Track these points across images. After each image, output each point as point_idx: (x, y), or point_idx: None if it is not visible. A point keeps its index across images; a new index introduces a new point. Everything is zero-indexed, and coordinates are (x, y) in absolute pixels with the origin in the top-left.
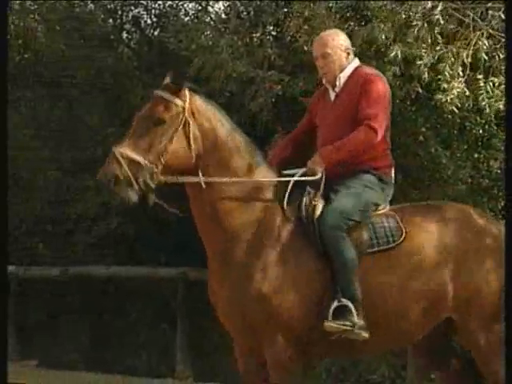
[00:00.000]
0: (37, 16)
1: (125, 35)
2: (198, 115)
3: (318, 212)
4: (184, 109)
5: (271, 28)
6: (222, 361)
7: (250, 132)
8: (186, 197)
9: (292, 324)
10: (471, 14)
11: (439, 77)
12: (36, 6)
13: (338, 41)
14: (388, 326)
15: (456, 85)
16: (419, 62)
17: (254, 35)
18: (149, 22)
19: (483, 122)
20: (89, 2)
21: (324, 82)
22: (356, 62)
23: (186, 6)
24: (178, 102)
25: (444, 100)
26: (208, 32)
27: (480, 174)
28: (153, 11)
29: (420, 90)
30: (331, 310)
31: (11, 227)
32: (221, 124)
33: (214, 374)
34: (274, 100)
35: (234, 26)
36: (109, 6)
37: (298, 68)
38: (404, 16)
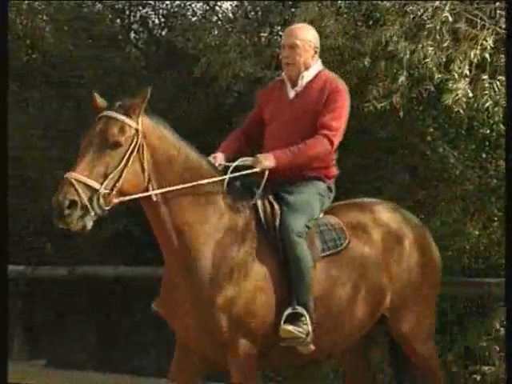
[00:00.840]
0: (45, 16)
1: (132, 35)
2: (149, 135)
3: (278, 218)
4: (137, 131)
5: (279, 28)
6: None
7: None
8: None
9: (257, 328)
10: (479, 14)
11: (447, 77)
12: (44, 6)
13: (308, 36)
14: (336, 329)
15: (462, 86)
16: (428, 60)
17: (262, 35)
18: (156, 21)
19: (491, 121)
20: (97, 2)
21: (284, 74)
22: (319, 65)
23: (193, 5)
24: (132, 123)
25: (451, 100)
26: (216, 32)
27: (488, 174)
28: (160, 11)
29: (433, 89)
30: (284, 316)
31: (19, 227)
32: (170, 141)
33: (224, 374)
34: None
35: (242, 25)
36: (116, 6)
37: None
38: (413, 16)
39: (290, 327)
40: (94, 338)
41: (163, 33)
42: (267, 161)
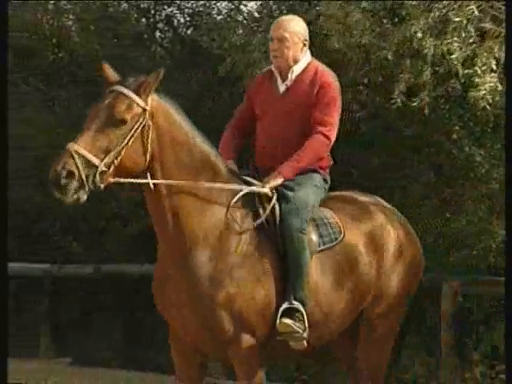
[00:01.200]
0: (71, 16)
1: (158, 34)
2: (157, 115)
3: (278, 213)
4: (145, 110)
5: None
6: None
7: None
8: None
9: (258, 323)
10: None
11: (472, 72)
12: (70, 6)
13: (297, 28)
14: (327, 323)
15: (489, 79)
16: (453, 57)
17: None
18: (182, 21)
19: None
20: (122, 1)
21: (273, 67)
22: (309, 56)
23: (218, 4)
24: (141, 102)
25: (476, 96)
26: (240, 31)
27: None
28: (186, 10)
29: (458, 87)
30: (281, 311)
31: (45, 226)
32: (178, 124)
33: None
34: None
35: (267, 24)
36: (142, 6)
37: (330, 66)
38: (438, 13)
39: (289, 321)
40: (119, 335)
41: (188, 32)
42: (273, 180)
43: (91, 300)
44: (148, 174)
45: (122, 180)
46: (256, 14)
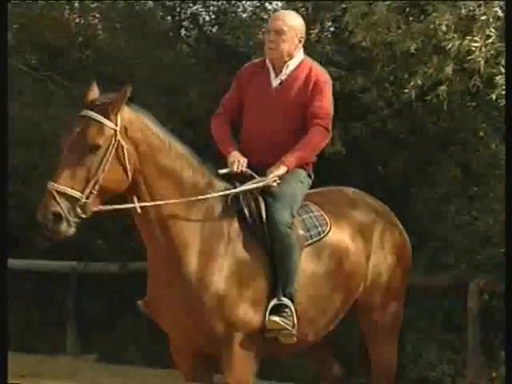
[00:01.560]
0: (97, 14)
1: (183, 32)
2: (130, 128)
3: (263, 209)
4: (116, 131)
5: (329, 24)
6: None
7: None
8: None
9: (248, 322)
10: None
11: (494, 71)
12: (96, 4)
13: (296, 23)
14: (318, 319)
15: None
16: (477, 54)
17: (312, 31)
18: (207, 18)
19: None
20: None
21: (267, 59)
22: (302, 54)
23: (244, 2)
24: (110, 124)
25: (495, 95)
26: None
27: None
28: (211, 8)
29: (480, 85)
30: (270, 308)
31: None
32: (153, 132)
33: (281, 371)
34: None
35: None
36: (167, 4)
37: (356, 64)
38: (464, 11)
39: (277, 318)
40: (145, 333)
41: (214, 30)
42: (278, 170)
43: (117, 297)
44: (135, 198)
45: (106, 208)
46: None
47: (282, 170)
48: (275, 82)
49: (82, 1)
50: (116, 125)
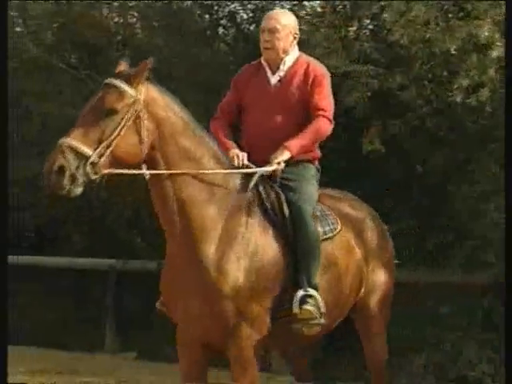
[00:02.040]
0: (135, 13)
1: (221, 31)
2: (154, 105)
3: (284, 201)
4: (137, 100)
5: (367, 22)
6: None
7: (345, 127)
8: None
9: (260, 313)
10: None
11: None
12: (135, 3)
13: (289, 20)
14: (331, 312)
15: None
16: None
17: (350, 29)
18: (245, 17)
19: None
20: None
21: (262, 59)
22: (297, 50)
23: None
24: (132, 91)
25: None
26: (303, 26)
27: None
28: (249, 6)
29: None
30: (298, 298)
31: (110, 221)
32: (177, 113)
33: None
34: (369, 94)
35: (330, 20)
36: (205, 2)
37: (395, 62)
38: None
39: (310, 307)
40: None
41: (251, 28)
42: (281, 155)
43: (155, 295)
44: (144, 166)
45: (116, 171)
46: (319, 10)
47: (286, 154)
48: (274, 80)
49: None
50: (138, 94)
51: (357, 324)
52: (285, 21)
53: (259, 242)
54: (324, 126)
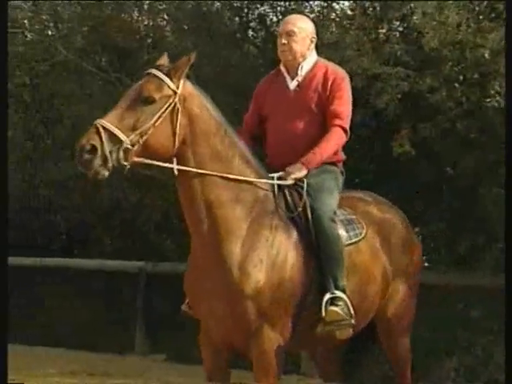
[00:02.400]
0: (165, 15)
1: (250, 33)
2: (190, 101)
3: (308, 204)
4: (175, 92)
5: (397, 24)
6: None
7: (374, 129)
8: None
9: (282, 316)
10: None
11: None
12: (165, 6)
13: (306, 24)
14: (358, 316)
15: None
16: None
17: (380, 31)
18: (274, 19)
19: None
20: (216, 0)
21: (281, 64)
22: (315, 55)
23: (311, 2)
24: (171, 84)
25: None
26: (333, 29)
27: None
28: (278, 9)
29: None
30: (324, 301)
31: (139, 223)
32: (210, 113)
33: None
34: (400, 96)
35: (360, 22)
36: (235, 4)
37: (425, 64)
38: None
39: (337, 308)
40: None
41: None
42: (299, 172)
43: (184, 297)
44: (174, 160)
45: (147, 161)
46: (349, 12)
47: (303, 172)
48: (292, 85)
49: (151, 1)
50: (177, 88)
51: (378, 327)
52: (301, 24)
53: (283, 245)
54: (340, 138)
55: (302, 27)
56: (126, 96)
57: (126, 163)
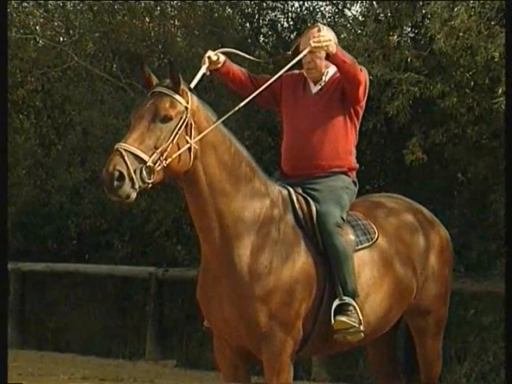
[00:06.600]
0: (176, 21)
1: (261, 39)
2: (198, 115)
3: (314, 211)
4: (187, 108)
5: (409, 30)
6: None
7: (386, 135)
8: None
9: (292, 320)
10: None
11: None
12: (176, 12)
13: (328, 38)
14: (371, 322)
15: None
16: None
17: (392, 37)
18: (285, 25)
19: None
20: (227, 6)
21: (308, 77)
22: None
23: (322, 9)
24: (182, 100)
25: None
26: (345, 35)
27: None
28: (289, 15)
29: None
30: (333, 308)
31: (150, 229)
32: (217, 126)
33: (351, 376)
34: (411, 102)
35: (371, 28)
36: (246, 11)
37: (436, 69)
38: None
39: (344, 318)
40: None
41: (292, 36)
42: (327, 42)
43: (196, 303)
44: (198, 167)
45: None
46: (360, 18)
47: (331, 47)
48: (315, 89)
49: (163, 8)
50: (187, 103)
51: (410, 325)
52: (323, 39)
53: (291, 250)
54: (360, 74)
55: (325, 40)
56: (140, 116)
57: (149, 181)
